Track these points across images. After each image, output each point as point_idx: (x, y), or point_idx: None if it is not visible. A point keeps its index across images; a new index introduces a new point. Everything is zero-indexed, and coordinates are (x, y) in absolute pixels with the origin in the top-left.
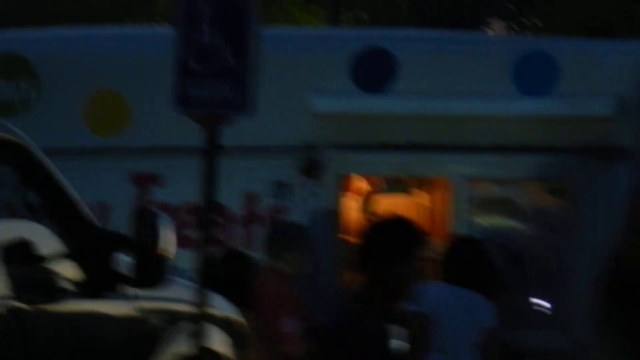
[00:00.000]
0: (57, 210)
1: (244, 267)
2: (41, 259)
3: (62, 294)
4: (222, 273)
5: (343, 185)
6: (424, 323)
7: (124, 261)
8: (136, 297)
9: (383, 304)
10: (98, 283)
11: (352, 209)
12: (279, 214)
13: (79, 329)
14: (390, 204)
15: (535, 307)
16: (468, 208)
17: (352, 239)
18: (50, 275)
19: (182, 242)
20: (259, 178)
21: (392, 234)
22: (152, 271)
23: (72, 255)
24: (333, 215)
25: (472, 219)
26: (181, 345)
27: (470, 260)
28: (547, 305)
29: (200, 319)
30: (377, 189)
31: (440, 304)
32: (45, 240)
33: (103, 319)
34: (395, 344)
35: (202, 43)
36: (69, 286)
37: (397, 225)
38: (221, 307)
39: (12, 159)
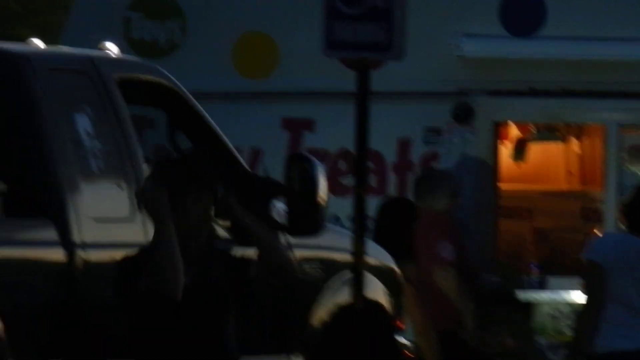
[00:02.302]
0: (209, 155)
1: (405, 215)
2: None
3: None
4: (383, 220)
5: (495, 132)
6: (598, 272)
7: (278, 208)
8: (293, 246)
9: None
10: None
11: (504, 155)
12: (431, 160)
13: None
14: (541, 150)
15: None
16: (621, 155)
17: (504, 186)
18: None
19: (335, 188)
20: (411, 124)
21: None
22: (308, 219)
23: None
24: (485, 162)
25: (625, 166)
26: (339, 294)
27: None
28: None
29: (357, 268)
30: (528, 136)
31: (618, 253)
32: None
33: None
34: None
35: None
36: (222, 233)
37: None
38: (377, 254)
39: (163, 101)
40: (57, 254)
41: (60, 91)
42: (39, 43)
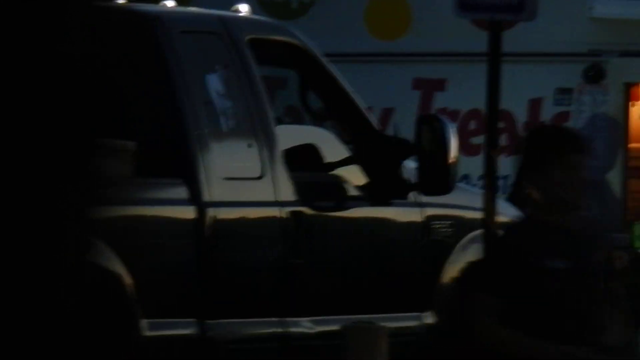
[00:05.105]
0: (340, 116)
1: None
2: (327, 164)
3: (348, 201)
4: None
5: (626, 92)
6: None
7: (409, 168)
8: (424, 204)
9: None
10: (384, 190)
11: (634, 115)
12: (561, 120)
13: (366, 236)
14: None
15: None
16: None
17: (634, 146)
18: (336, 181)
19: (465, 148)
20: (542, 84)
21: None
22: (439, 178)
23: (358, 161)
24: (616, 123)
25: None
26: (470, 252)
27: None
28: None
29: (487, 226)
30: None
31: None
32: (330, 146)
33: (390, 226)
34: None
35: None
36: (355, 193)
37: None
38: (507, 212)
39: (294, 62)
40: (188, 213)
41: (192, 52)
42: (171, 4)
